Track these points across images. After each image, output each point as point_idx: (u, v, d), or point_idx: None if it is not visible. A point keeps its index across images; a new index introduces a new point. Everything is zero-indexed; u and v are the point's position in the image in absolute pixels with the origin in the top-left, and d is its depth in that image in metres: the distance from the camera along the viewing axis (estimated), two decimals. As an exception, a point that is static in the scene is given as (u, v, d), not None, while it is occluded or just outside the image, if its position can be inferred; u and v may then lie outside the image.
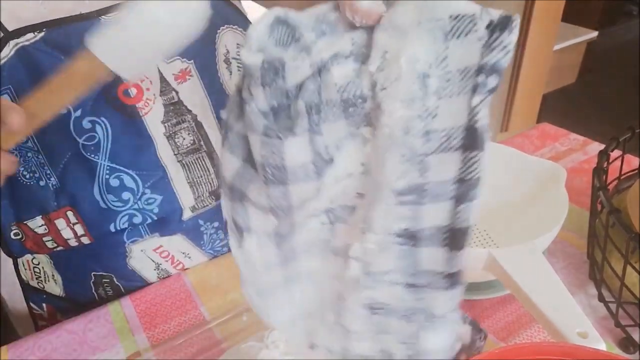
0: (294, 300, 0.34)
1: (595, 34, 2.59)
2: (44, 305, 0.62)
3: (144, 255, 0.59)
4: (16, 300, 0.63)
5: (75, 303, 0.61)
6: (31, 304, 0.62)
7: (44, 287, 0.61)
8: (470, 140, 0.26)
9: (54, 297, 0.61)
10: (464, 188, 0.27)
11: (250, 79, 0.27)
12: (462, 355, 0.35)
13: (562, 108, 2.56)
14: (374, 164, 0.29)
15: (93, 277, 0.59)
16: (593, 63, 2.79)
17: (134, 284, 0.60)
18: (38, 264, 0.59)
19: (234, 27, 0.59)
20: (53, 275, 0.60)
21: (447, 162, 0.27)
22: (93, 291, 0.60)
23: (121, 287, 0.60)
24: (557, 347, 0.35)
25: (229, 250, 0.64)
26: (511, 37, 0.25)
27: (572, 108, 2.56)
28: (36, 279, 0.60)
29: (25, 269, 0.59)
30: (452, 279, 0.29)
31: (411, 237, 0.29)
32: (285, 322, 0.35)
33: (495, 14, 0.25)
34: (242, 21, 0.61)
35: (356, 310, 0.31)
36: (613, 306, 0.49)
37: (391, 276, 0.30)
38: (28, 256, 0.58)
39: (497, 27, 0.25)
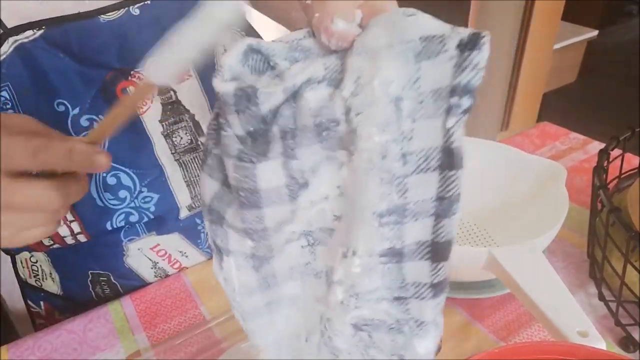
0: (277, 324, 0.34)
1: (595, 33, 2.59)
2: (41, 303, 0.62)
3: (141, 253, 0.59)
4: (15, 299, 0.63)
5: (73, 301, 0.61)
6: (29, 302, 0.62)
7: (41, 285, 0.61)
8: (448, 160, 0.26)
9: (51, 296, 0.61)
10: (444, 205, 0.27)
11: (224, 106, 0.27)
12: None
13: (562, 107, 2.56)
14: (352, 188, 0.29)
15: (90, 276, 0.59)
16: (593, 63, 2.79)
17: (131, 282, 0.60)
18: (36, 262, 0.59)
19: (233, 27, 0.59)
20: (51, 273, 0.60)
21: (426, 182, 0.27)
22: (90, 289, 0.60)
23: (118, 285, 0.60)
24: (557, 346, 0.35)
25: None
26: (481, 55, 0.24)
27: (572, 107, 2.56)
28: (34, 277, 0.60)
29: (24, 267, 0.60)
30: (437, 287, 0.29)
31: (395, 255, 0.29)
32: (270, 344, 0.35)
33: (465, 32, 0.24)
34: (240, 22, 0.61)
35: (343, 330, 0.31)
36: (613, 305, 0.49)
37: (377, 294, 0.30)
38: (26, 254, 0.58)
39: (467, 46, 0.24)
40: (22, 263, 0.59)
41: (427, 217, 0.27)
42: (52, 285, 0.60)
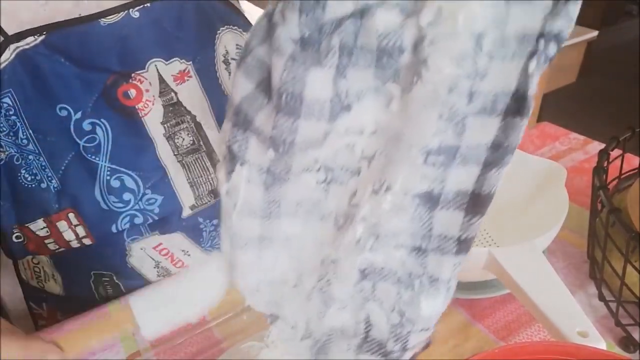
0: (264, 265, 0.32)
1: (595, 33, 2.59)
2: (44, 304, 0.62)
3: (144, 253, 0.59)
4: (16, 301, 0.63)
5: (76, 302, 0.60)
6: (31, 304, 0.62)
7: (44, 287, 0.61)
8: (516, 106, 0.25)
9: (54, 297, 0.61)
10: (498, 154, 0.26)
11: (287, 2, 0.26)
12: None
13: (562, 108, 2.56)
14: (403, 122, 0.27)
15: (93, 276, 0.59)
16: (593, 63, 2.79)
17: (134, 282, 0.60)
18: (38, 264, 0.59)
19: (233, 27, 0.59)
20: (53, 274, 0.60)
21: (487, 125, 0.26)
22: (93, 290, 0.60)
23: (121, 285, 0.60)
24: (557, 346, 0.35)
25: None
26: (576, 8, 0.24)
27: (572, 108, 2.56)
28: (36, 278, 0.60)
29: (25, 269, 0.60)
30: (463, 244, 0.28)
31: (430, 199, 0.27)
32: (249, 285, 0.33)
33: None
34: (242, 22, 0.61)
35: (348, 274, 0.30)
36: (613, 305, 0.49)
37: (398, 239, 0.28)
38: (28, 256, 0.58)
39: None
40: (23, 265, 0.59)
41: (475, 164, 0.26)
42: (54, 286, 0.60)
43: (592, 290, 0.54)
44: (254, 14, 0.65)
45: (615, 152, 0.56)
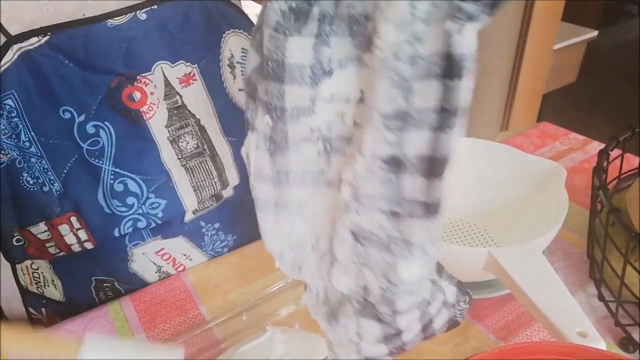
0: (281, 229, 0.34)
1: (595, 33, 2.59)
2: (43, 310, 0.61)
3: (146, 258, 0.59)
4: (14, 307, 0.63)
5: (76, 307, 0.60)
6: (30, 309, 0.62)
7: (43, 292, 0.60)
8: (448, 68, 0.26)
9: (53, 302, 0.61)
10: (444, 117, 0.27)
11: None
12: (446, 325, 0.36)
13: (562, 108, 2.56)
14: (368, 89, 0.29)
15: (94, 282, 0.59)
16: (593, 63, 2.79)
17: (135, 287, 0.60)
18: (37, 269, 0.58)
19: (239, 31, 0.59)
20: (53, 280, 0.59)
21: (429, 89, 0.27)
22: (94, 295, 0.60)
23: (122, 290, 0.60)
24: (557, 346, 0.35)
25: (229, 251, 0.63)
26: None
27: (572, 108, 2.56)
28: (35, 284, 0.60)
29: (24, 274, 0.59)
30: (429, 208, 0.29)
31: (395, 164, 0.29)
32: (274, 249, 0.35)
33: None
34: (248, 25, 0.61)
35: (344, 236, 0.32)
36: (613, 305, 0.49)
37: (376, 203, 0.30)
38: (27, 261, 0.58)
39: None
40: (22, 270, 0.59)
41: (427, 129, 0.28)
42: (54, 292, 0.60)
43: (592, 290, 0.54)
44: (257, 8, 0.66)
45: (615, 152, 0.56)
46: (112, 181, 0.53)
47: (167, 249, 0.59)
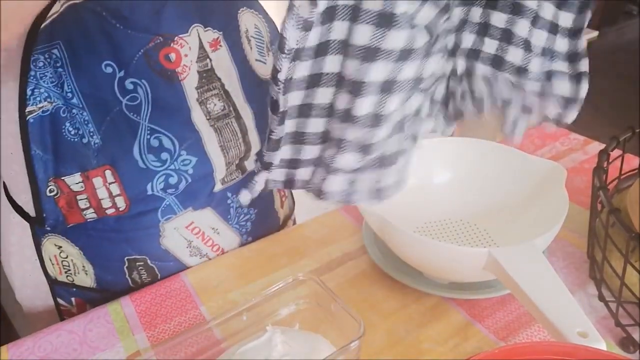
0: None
1: (595, 34, 2.59)
2: (72, 299, 0.63)
3: (177, 233, 0.60)
4: (38, 303, 0.64)
5: (107, 292, 0.62)
6: (59, 300, 0.63)
7: (73, 281, 0.62)
8: None
9: (84, 289, 0.62)
10: None
11: None
12: None
13: (562, 108, 2.55)
14: None
15: (127, 262, 0.60)
16: (593, 63, 2.78)
17: (167, 263, 0.61)
18: (66, 257, 0.60)
19: (251, 10, 0.62)
20: (84, 266, 0.60)
21: None
22: (127, 277, 0.61)
23: (155, 268, 0.61)
24: (557, 346, 0.35)
25: (246, 233, 0.66)
26: None
27: (572, 108, 2.56)
28: (65, 272, 0.61)
29: (53, 264, 0.60)
30: None
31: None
32: None
33: None
34: (257, 6, 0.64)
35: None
36: (613, 305, 0.49)
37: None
38: (55, 250, 0.59)
39: None
40: (51, 261, 0.60)
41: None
42: (85, 278, 0.61)
43: (592, 290, 0.54)
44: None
45: (615, 153, 0.56)
46: (148, 137, 0.54)
47: (196, 222, 0.61)
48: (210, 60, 0.57)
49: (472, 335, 0.50)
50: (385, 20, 0.32)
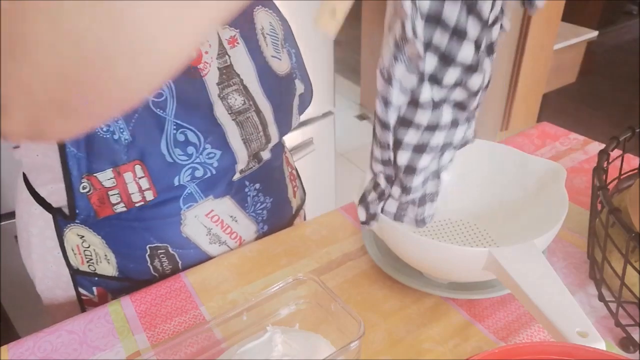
0: None
1: (595, 34, 2.59)
2: (94, 289, 0.64)
3: (197, 221, 0.62)
4: (59, 293, 0.65)
5: (129, 281, 0.63)
6: (80, 290, 0.64)
7: (95, 270, 0.63)
8: None
9: (106, 278, 0.63)
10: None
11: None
12: None
13: (562, 108, 2.56)
14: None
15: (148, 250, 0.62)
16: (593, 63, 2.79)
17: (188, 251, 0.63)
18: (89, 247, 0.61)
19: (265, 8, 0.64)
20: (106, 255, 0.62)
21: None
22: (148, 264, 0.62)
23: (176, 255, 0.63)
24: (557, 346, 0.35)
25: (262, 221, 0.68)
26: None
27: (572, 108, 2.56)
28: (87, 262, 0.62)
29: (75, 254, 0.62)
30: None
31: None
32: None
33: None
34: (272, 5, 0.65)
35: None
36: (613, 306, 0.49)
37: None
38: (77, 240, 0.61)
39: None
40: (73, 251, 0.61)
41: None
42: (107, 267, 0.63)
43: (592, 290, 0.54)
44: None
45: (615, 152, 0.56)
46: (174, 131, 0.56)
47: (216, 210, 0.63)
48: (229, 56, 0.59)
49: (472, 335, 0.50)
50: (414, 103, 0.42)
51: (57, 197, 0.58)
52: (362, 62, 2.77)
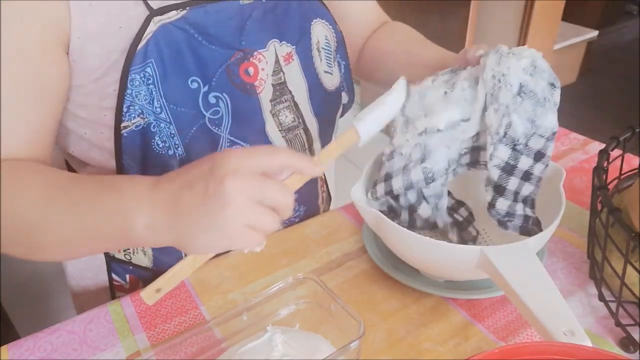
0: None
1: (595, 33, 2.59)
2: (127, 277, 0.66)
3: None
4: (89, 277, 0.68)
5: (162, 272, 0.62)
6: (113, 276, 0.65)
7: (130, 259, 0.64)
8: None
9: (139, 268, 0.65)
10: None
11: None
12: None
13: (562, 108, 2.55)
14: None
15: None
16: (593, 63, 2.79)
17: None
18: None
19: (323, 21, 0.64)
20: (143, 247, 0.63)
21: None
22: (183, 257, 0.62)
23: None
24: (557, 346, 0.35)
25: (299, 221, 0.69)
26: None
27: (572, 108, 2.56)
28: (124, 251, 0.64)
29: None
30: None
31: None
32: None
33: None
34: (329, 16, 0.65)
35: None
36: (613, 305, 0.49)
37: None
38: None
39: None
40: None
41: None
42: (142, 258, 0.64)
43: (592, 290, 0.54)
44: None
45: (615, 152, 0.56)
46: (227, 147, 0.57)
47: None
48: (284, 73, 0.60)
49: (472, 335, 0.50)
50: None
51: None
52: (362, 62, 2.77)
